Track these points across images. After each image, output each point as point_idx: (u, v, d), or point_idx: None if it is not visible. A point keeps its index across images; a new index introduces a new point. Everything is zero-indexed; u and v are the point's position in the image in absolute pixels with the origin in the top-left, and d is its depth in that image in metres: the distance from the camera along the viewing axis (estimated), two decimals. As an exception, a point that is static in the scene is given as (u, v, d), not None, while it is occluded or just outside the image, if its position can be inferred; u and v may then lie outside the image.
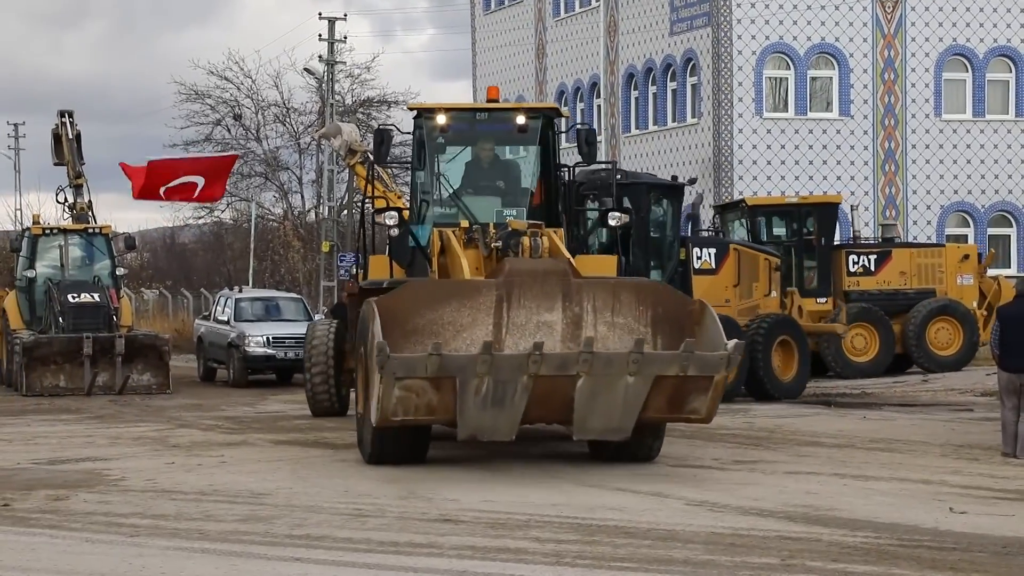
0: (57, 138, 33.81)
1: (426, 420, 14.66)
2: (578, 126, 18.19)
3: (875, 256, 30.02)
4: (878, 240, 32.10)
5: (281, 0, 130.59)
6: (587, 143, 17.62)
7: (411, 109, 18.08)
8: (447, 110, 17.94)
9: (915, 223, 40.87)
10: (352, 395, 21.90)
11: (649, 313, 15.00)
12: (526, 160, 18.12)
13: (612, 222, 17.52)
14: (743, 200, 31.55)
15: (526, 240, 15.54)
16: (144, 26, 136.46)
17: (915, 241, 37.77)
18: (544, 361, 13.96)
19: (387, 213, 17.13)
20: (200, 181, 35.27)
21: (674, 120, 42.30)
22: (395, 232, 17.28)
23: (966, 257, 30.57)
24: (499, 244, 16.02)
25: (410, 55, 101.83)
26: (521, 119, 17.76)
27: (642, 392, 14.34)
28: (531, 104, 20.88)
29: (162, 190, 34.73)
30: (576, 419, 14.47)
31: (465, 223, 16.73)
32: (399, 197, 24.76)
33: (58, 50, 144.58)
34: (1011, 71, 41.54)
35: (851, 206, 35.41)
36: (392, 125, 17.87)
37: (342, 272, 28.08)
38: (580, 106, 46.56)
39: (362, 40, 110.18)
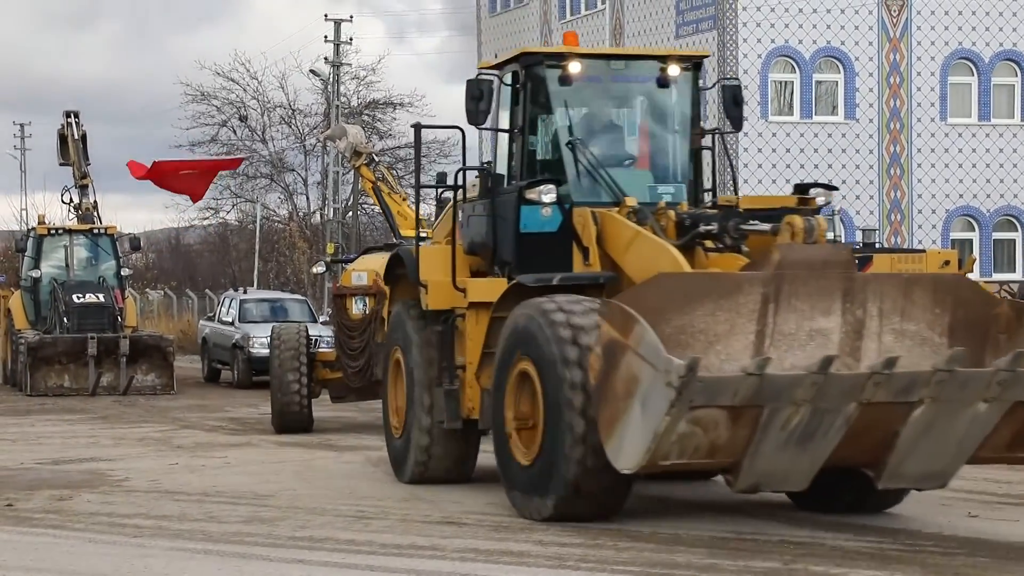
0: (63, 138, 33.87)
1: (700, 464, 11.26)
2: (724, 81, 14.46)
3: (856, 262, 29.90)
4: (858, 245, 32.03)
5: (293, 2, 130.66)
6: (735, 103, 14.08)
7: (525, 54, 13.89)
8: (579, 56, 13.85)
9: (920, 227, 40.85)
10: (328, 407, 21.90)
11: (947, 318, 11.67)
12: (674, 121, 14.19)
13: (821, 200, 13.16)
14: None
15: (798, 220, 11.66)
16: (153, 27, 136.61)
17: (896, 246, 37.77)
18: (887, 382, 10.75)
19: (543, 187, 13.25)
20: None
21: (679, 123, 42.28)
22: (549, 212, 13.34)
23: (946, 263, 30.49)
24: (711, 228, 12.58)
25: (421, 57, 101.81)
26: (674, 69, 13.91)
27: (989, 424, 11.19)
28: (680, 51, 16.04)
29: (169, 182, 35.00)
30: (892, 461, 11.25)
31: (632, 201, 13.12)
32: (404, 199, 24.70)
33: (65, 51, 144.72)
34: (1017, 75, 41.51)
35: (831, 211, 35.35)
36: (492, 73, 13.88)
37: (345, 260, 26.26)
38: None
39: (374, 42, 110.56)
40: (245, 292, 34.58)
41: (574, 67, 13.64)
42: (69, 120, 33.54)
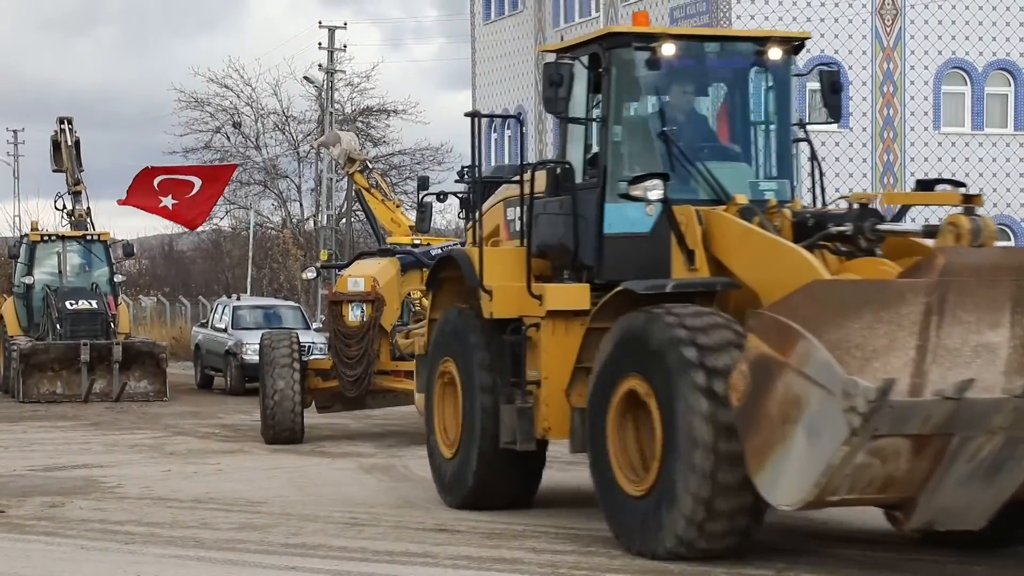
0: (56, 145, 33.84)
1: (870, 500, 10.12)
2: (821, 67, 12.98)
3: None
4: None
5: (290, 8, 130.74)
6: (833, 91, 12.84)
7: (610, 35, 12.34)
8: (671, 36, 12.30)
9: (913, 236, 40.90)
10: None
11: None
12: (773, 110, 12.83)
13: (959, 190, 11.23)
14: None
15: (964, 220, 10.24)
16: (147, 34, 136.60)
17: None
18: None
19: (648, 183, 11.52)
20: (197, 182, 35.32)
21: (673, 131, 42.26)
22: (653, 210, 11.80)
23: None
24: (843, 229, 11.12)
25: (416, 64, 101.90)
26: (775, 52, 12.51)
27: None
28: (780, 31, 14.51)
29: (156, 181, 34.77)
30: None
31: (743, 198, 11.61)
32: (397, 207, 24.71)
33: (59, 57, 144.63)
34: (1010, 84, 41.59)
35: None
36: (572, 58, 12.32)
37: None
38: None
39: (371, 49, 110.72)
40: (238, 299, 34.58)
41: (667, 49, 12.12)
42: (62, 126, 33.51)
